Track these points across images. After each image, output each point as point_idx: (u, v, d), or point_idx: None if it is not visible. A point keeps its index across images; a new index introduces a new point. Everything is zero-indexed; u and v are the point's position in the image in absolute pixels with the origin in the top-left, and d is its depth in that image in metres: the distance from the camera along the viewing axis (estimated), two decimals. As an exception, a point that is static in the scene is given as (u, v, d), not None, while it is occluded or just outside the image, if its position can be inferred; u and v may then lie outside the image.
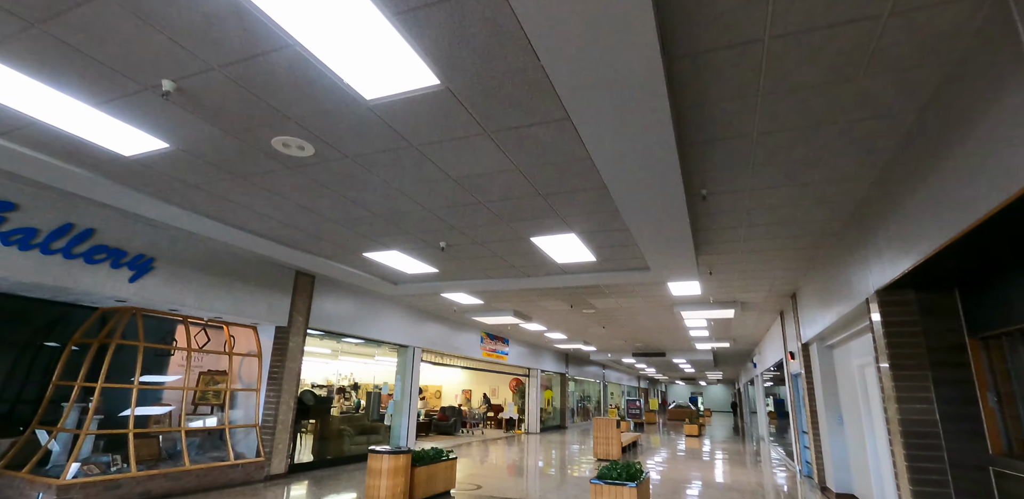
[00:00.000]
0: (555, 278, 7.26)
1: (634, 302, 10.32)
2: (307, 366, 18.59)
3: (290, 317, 8.45)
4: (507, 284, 7.70)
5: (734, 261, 6.98)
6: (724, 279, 8.08)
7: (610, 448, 11.33)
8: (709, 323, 12.79)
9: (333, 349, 15.29)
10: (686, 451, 13.47)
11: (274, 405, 8.12)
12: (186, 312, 7.29)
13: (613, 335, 15.77)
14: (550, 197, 4.56)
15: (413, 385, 11.72)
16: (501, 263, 6.79)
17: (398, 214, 5.12)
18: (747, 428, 25.15)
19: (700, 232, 5.78)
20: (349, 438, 10.18)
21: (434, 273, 7.40)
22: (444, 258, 6.66)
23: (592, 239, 5.69)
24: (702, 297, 9.62)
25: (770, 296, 9.38)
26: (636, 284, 8.55)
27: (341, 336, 9.97)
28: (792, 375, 10.28)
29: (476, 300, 10.56)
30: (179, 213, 5.35)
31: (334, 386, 16.06)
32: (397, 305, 11.27)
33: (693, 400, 53.47)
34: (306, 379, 18.22)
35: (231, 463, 7.36)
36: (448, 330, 13.31)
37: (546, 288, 8.92)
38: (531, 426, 19.06)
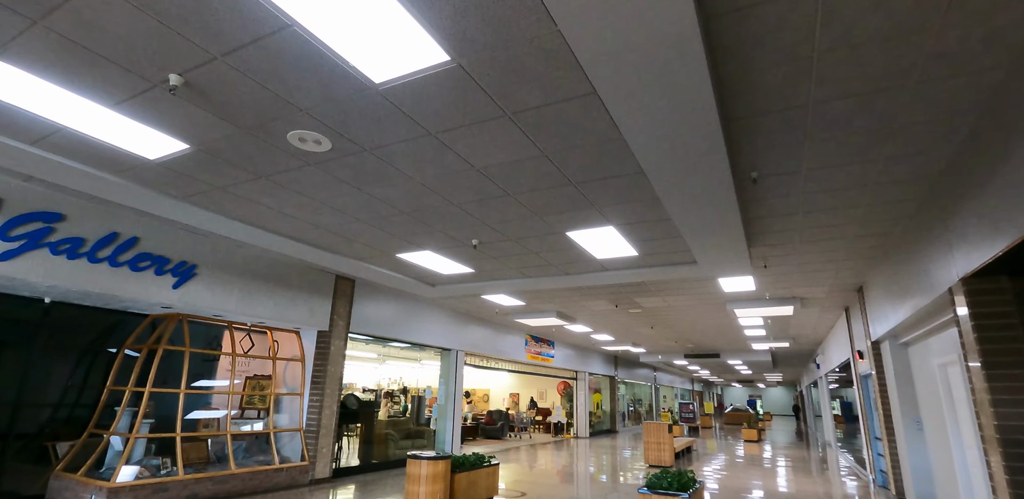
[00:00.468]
0: (595, 276, 6.91)
1: (682, 300, 9.80)
2: (355, 370, 18.92)
3: (331, 321, 8.45)
4: (545, 283, 7.40)
5: (791, 252, 6.43)
6: (780, 273, 7.49)
7: (662, 454, 10.80)
8: (766, 321, 12.04)
9: (380, 353, 15.41)
10: (745, 457, 12.72)
11: (317, 409, 8.12)
12: (230, 318, 7.38)
13: (662, 336, 15.16)
14: (583, 185, 4.25)
15: (457, 389, 11.57)
16: (537, 261, 6.51)
17: (425, 210, 4.94)
18: (811, 433, 23.75)
19: (752, 221, 5.31)
20: (394, 442, 10.12)
21: (470, 273, 7.20)
22: (478, 257, 6.44)
23: (632, 231, 5.32)
24: (756, 293, 9.01)
25: (833, 291, 8.67)
26: (683, 280, 8.07)
27: (383, 340, 9.94)
28: (861, 376, 9.48)
29: (518, 301, 10.30)
30: (211, 217, 5.36)
31: (382, 390, 16.20)
32: (439, 308, 11.16)
33: (751, 403, 51.27)
34: (355, 383, 18.50)
35: (276, 467, 7.38)
36: (492, 333, 13.12)
37: (587, 287, 8.57)
38: (580, 430, 18.61)
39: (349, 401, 9.24)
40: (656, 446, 10.91)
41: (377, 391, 15.95)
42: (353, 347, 12.22)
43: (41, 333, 6.63)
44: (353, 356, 15.47)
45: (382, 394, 15.84)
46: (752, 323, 12.29)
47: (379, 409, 14.77)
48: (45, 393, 6.83)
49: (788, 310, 9.62)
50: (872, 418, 9.19)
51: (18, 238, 5.17)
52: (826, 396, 16.58)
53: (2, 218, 5.08)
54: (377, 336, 9.57)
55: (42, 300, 6.55)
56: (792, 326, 12.76)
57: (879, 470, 8.94)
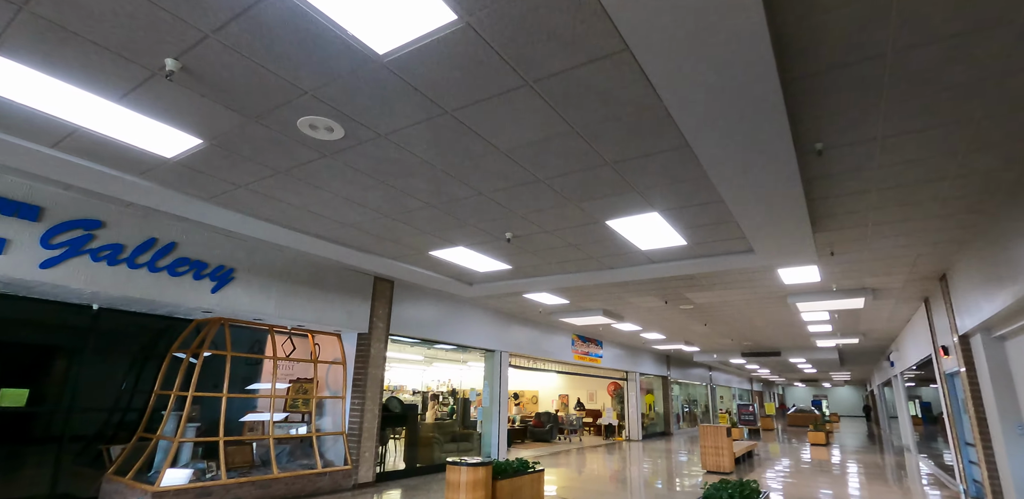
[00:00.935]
0: (641, 269, 6.43)
1: (738, 294, 9.13)
2: (403, 373, 18.97)
3: (370, 323, 8.32)
4: (588, 279, 6.98)
5: (862, 237, 5.75)
6: (850, 260, 6.77)
7: (720, 459, 10.12)
8: (832, 316, 11.13)
9: (426, 356, 15.34)
10: (812, 463, 11.80)
11: (359, 412, 7.99)
12: (270, 321, 7.34)
13: (717, 333, 14.36)
14: (620, 165, 3.83)
15: (502, 391, 11.27)
16: (577, 254, 6.10)
17: (452, 202, 4.64)
18: (885, 435, 22.09)
19: (817, 202, 4.72)
20: (439, 446, 9.91)
21: (507, 270, 6.87)
22: (514, 252, 6.10)
23: (679, 217, 4.84)
24: (822, 284, 8.25)
25: (911, 280, 7.82)
26: (738, 272, 7.45)
27: (424, 342, 9.75)
28: (946, 374, 8.53)
29: (561, 300, 9.90)
30: (240, 219, 5.25)
31: (429, 392, 16.12)
32: (481, 309, 10.90)
33: (817, 404, 48.63)
34: (405, 385, 18.57)
35: (318, 471, 7.28)
36: (537, 333, 12.75)
37: (633, 282, 8.07)
38: (632, 433, 17.96)
39: (392, 404, 9.09)
40: (714, 450, 10.23)
41: (424, 393, 15.90)
42: (400, 350, 12.15)
43: (91, 339, 6.76)
44: (401, 359, 15.47)
45: (429, 396, 15.77)
46: (817, 318, 11.39)
47: (427, 412, 14.69)
48: (99, 397, 6.97)
49: (858, 303, 8.78)
50: (961, 421, 8.24)
51: (60, 245, 5.22)
52: (902, 396, 15.27)
53: (44, 226, 5.14)
54: (418, 338, 9.39)
55: (90, 307, 6.68)
56: (862, 321, 11.76)
57: (972, 480, 8.00)
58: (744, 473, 10.05)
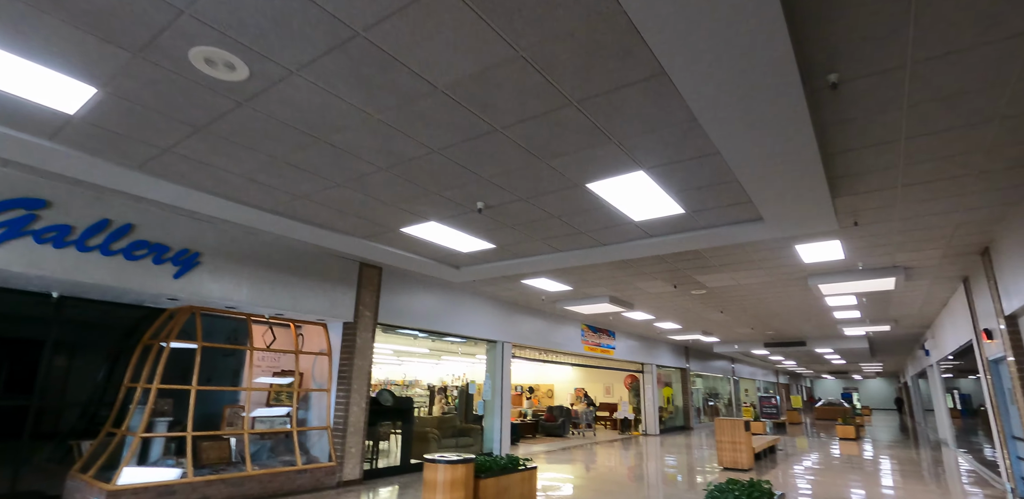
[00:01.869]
0: (637, 245, 5.77)
1: (753, 277, 8.37)
2: (415, 367, 18.52)
3: (356, 312, 7.82)
4: (581, 258, 6.34)
5: (890, 202, 5.00)
6: (877, 233, 6.00)
7: (738, 455, 9.40)
8: (859, 300, 10.27)
9: (433, 349, 14.88)
10: (841, 459, 10.97)
11: (344, 406, 7.52)
12: (245, 309, 6.90)
13: (736, 322, 13.55)
14: (587, 104, 3.18)
15: (504, 383, 10.71)
16: (563, 228, 5.47)
17: (405, 164, 4.05)
18: (920, 429, 20.94)
19: (834, 156, 4.01)
20: (436, 441, 9.41)
21: (492, 250, 6.27)
22: (492, 226, 5.50)
23: (670, 177, 4.17)
24: (846, 263, 7.46)
25: (948, 255, 6.98)
26: (750, 248, 6.73)
27: (418, 332, 9.24)
28: (989, 361, 7.67)
29: (563, 286, 9.28)
30: (182, 192, 4.76)
31: (436, 387, 15.68)
32: (482, 298, 10.35)
33: (847, 396, 47.04)
34: (422, 380, 18.16)
35: (298, 468, 6.82)
36: (543, 323, 12.15)
37: (634, 262, 7.40)
38: (649, 427, 17.26)
39: (383, 397, 8.61)
40: (731, 446, 9.52)
41: (432, 387, 15.46)
42: (407, 343, 11.67)
43: (56, 329, 6.40)
44: (410, 352, 15.04)
45: (436, 390, 15.33)
46: (842, 302, 10.54)
47: (433, 406, 14.23)
48: (70, 390, 6.63)
49: (888, 283, 7.95)
50: (1008, 413, 7.39)
51: (-3, 226, 4.82)
52: (939, 387, 14.26)
53: (-22, 206, 4.74)
54: (410, 328, 8.88)
55: (49, 295, 6.31)
56: (893, 305, 10.86)
57: (1020, 477, 7.16)
58: (764, 470, 9.32)
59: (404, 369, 19.56)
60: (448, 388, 15.69)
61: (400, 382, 18.77)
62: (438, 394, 15.08)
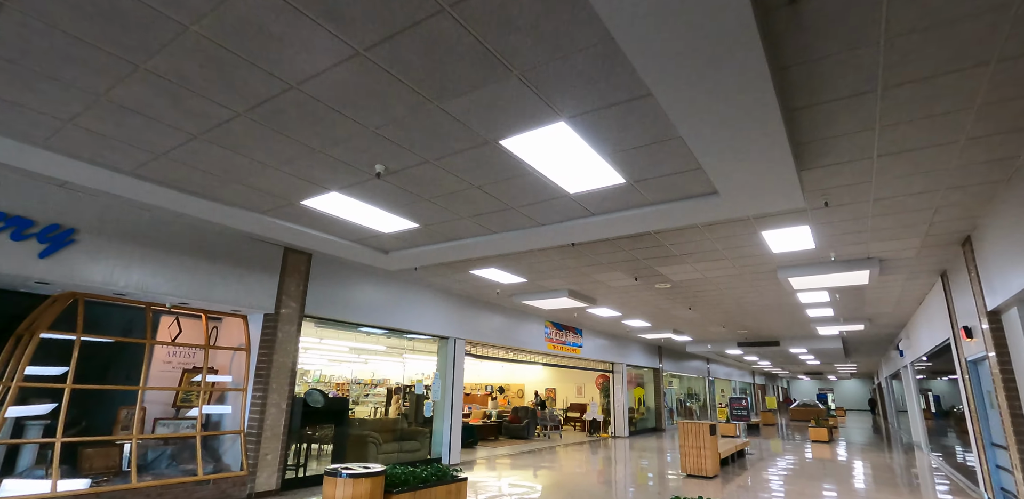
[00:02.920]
0: (580, 225, 5.04)
1: (719, 269, 7.72)
2: (382, 366, 17.66)
3: (278, 302, 6.99)
4: (521, 241, 5.59)
5: (864, 176, 4.34)
6: (851, 218, 5.36)
7: (703, 461, 8.75)
8: (833, 296, 9.70)
9: (392, 346, 14.04)
10: (811, 463, 10.41)
11: (259, 407, 6.68)
12: (138, 297, 6.02)
13: (706, 320, 12.95)
14: (463, 8, 2.43)
15: (456, 383, 9.94)
16: (489, 203, 4.71)
17: (263, 106, 3.23)
18: (893, 431, 20.65)
19: (799, 115, 3.33)
20: (375, 446, 8.61)
21: (415, 230, 5.48)
22: (405, 199, 4.71)
23: (599, 131, 3.42)
24: (817, 253, 6.84)
25: (928, 245, 6.39)
26: (711, 234, 6.05)
27: (356, 326, 8.43)
28: (968, 361, 7.12)
29: (516, 277, 8.54)
30: (12, 147, 3.90)
31: (393, 386, 14.84)
32: (433, 291, 9.57)
33: (822, 397, 47.13)
34: (390, 378, 17.27)
35: (199, 478, 5.98)
36: (503, 320, 11.40)
37: (585, 250, 6.69)
38: (618, 429, 16.62)
39: (312, 398, 7.77)
40: (695, 451, 8.87)
41: (390, 388, 14.63)
42: (360, 339, 10.82)
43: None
44: (370, 350, 14.18)
45: (394, 390, 14.49)
46: (815, 299, 9.97)
47: (387, 406, 13.39)
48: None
49: (862, 277, 7.35)
50: (986, 418, 6.84)
51: None
52: (913, 389, 13.84)
53: None
54: (348, 321, 8.06)
55: None
56: (868, 302, 10.32)
57: (999, 488, 6.60)
58: (730, 477, 8.69)
59: (373, 368, 18.70)
60: (409, 388, 14.87)
61: (368, 381, 17.92)
62: (396, 394, 14.26)
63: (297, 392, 8.03)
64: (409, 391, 14.13)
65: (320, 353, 14.55)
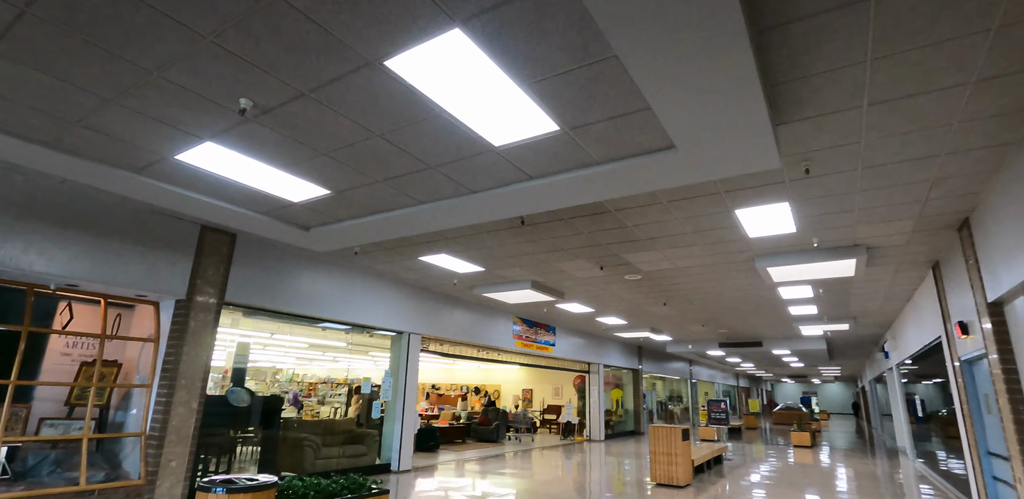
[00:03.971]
0: (518, 193, 4.26)
1: (691, 256, 7.00)
2: (352, 364, 16.71)
3: (191, 287, 6.15)
4: (455, 214, 4.81)
5: (851, 138, 3.62)
6: (834, 192, 4.65)
7: (674, 469, 8.01)
8: (816, 291, 9.03)
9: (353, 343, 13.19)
10: (793, 470, 9.73)
11: (165, 407, 5.83)
12: (9, 276, 5.16)
13: (684, 317, 12.25)
14: None
15: (409, 381, 9.13)
16: (401, 159, 3.89)
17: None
18: (876, 435, 20.12)
19: (772, 32, 2.59)
20: (313, 450, 7.77)
21: (327, 198, 4.65)
22: (298, 154, 3.90)
23: (509, 44, 2.62)
24: (799, 238, 6.13)
25: (920, 229, 5.70)
26: (677, 211, 5.31)
27: (293, 317, 7.60)
28: (962, 361, 6.45)
29: (471, 265, 7.76)
30: None
31: (352, 385, 14.00)
32: (386, 282, 8.76)
33: (805, 401, 46.89)
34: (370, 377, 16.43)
35: (81, 488, 5.12)
36: (466, 315, 10.61)
37: (540, 231, 5.92)
38: (594, 432, 15.87)
39: (236, 397, 6.93)
40: (666, 458, 8.13)
41: (349, 386, 13.78)
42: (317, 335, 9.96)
43: None
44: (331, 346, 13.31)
45: (353, 389, 13.65)
46: (797, 295, 9.29)
47: (347, 406, 12.54)
48: None
49: (848, 267, 6.66)
50: (982, 424, 6.17)
51: None
52: (898, 392, 13.25)
53: None
54: (283, 312, 7.24)
55: None
56: (854, 298, 9.67)
57: (995, 501, 5.93)
58: (703, 487, 7.97)
59: (347, 366, 17.87)
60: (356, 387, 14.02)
61: (341, 381, 17.07)
62: (356, 394, 13.42)
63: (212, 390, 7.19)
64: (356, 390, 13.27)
65: (284, 351, 13.67)
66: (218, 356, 10.26)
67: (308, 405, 13.41)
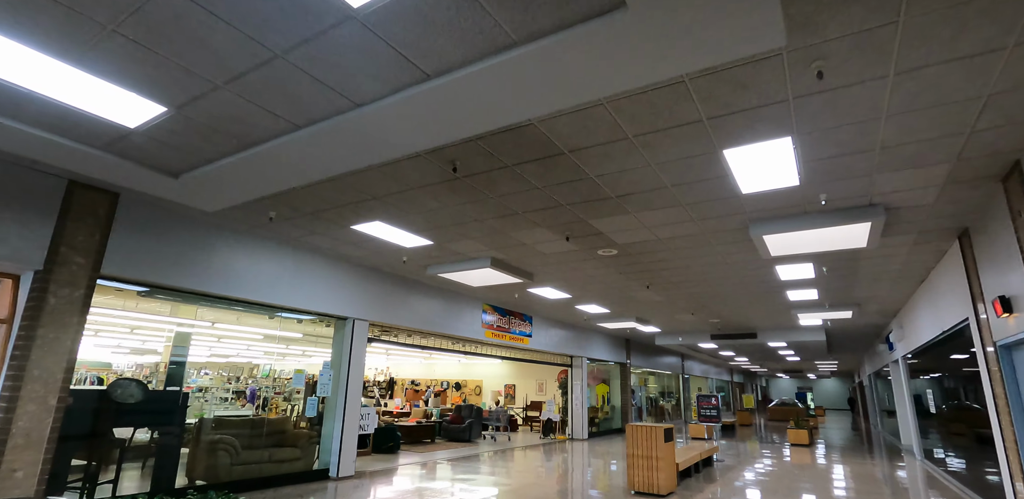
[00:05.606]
0: (418, 103, 3.03)
1: (672, 222, 5.85)
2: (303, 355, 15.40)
3: (52, 256, 4.95)
4: (343, 145, 3.59)
5: (887, 12, 2.46)
6: (854, 121, 3.50)
7: (655, 475, 6.88)
8: (818, 270, 7.90)
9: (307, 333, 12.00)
10: (791, 474, 8.62)
11: (8, 402, 4.64)
12: None
13: (670, 304, 11.12)
14: None
15: (352, 374, 7.97)
16: (213, 30, 2.69)
17: None
18: (875, 433, 19.09)
19: None
20: (230, 454, 6.60)
21: (166, 117, 3.41)
22: (80, 34, 2.73)
23: None
24: (803, 194, 4.98)
25: (955, 179, 4.56)
26: (646, 148, 4.16)
27: (206, 298, 6.42)
28: (999, 346, 5.32)
29: (417, 237, 6.60)
30: None
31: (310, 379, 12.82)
32: (328, 260, 7.58)
33: (801, 396, 46.00)
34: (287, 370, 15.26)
35: None
36: (426, 300, 9.44)
37: (479, 183, 4.75)
38: (577, 430, 14.75)
39: (123, 392, 5.74)
40: (645, 462, 6.99)
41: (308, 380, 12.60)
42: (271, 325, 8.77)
43: None
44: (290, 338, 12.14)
45: (309, 382, 12.46)
46: (797, 275, 8.17)
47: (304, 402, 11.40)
48: None
49: (860, 235, 5.52)
50: (1023, 420, 5.05)
51: None
52: (905, 386, 12.17)
53: None
54: (182, 289, 6.06)
55: None
56: (861, 279, 8.55)
57: (1039, 516, 4.81)
58: (691, 494, 6.85)
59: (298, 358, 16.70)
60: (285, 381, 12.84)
61: (271, 374, 15.91)
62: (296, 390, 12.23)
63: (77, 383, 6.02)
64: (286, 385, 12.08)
65: (247, 344, 12.49)
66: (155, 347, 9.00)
67: (276, 402, 12.26)
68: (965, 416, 7.37)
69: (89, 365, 8.73)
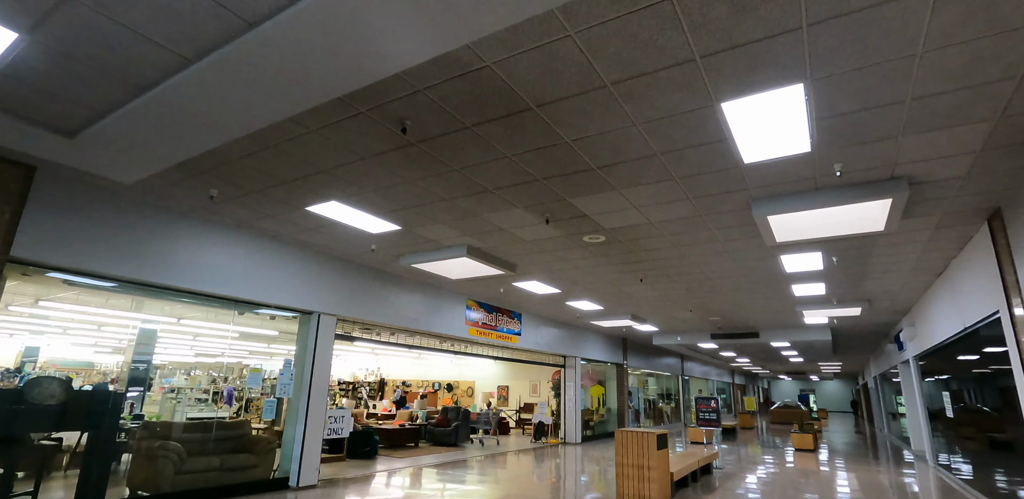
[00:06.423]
0: (311, 17, 2.42)
1: (665, 203, 5.17)
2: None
3: (-50, 235, 4.29)
4: (246, 86, 2.96)
5: None
6: (881, 61, 2.82)
7: (646, 486, 6.18)
8: (828, 261, 7.21)
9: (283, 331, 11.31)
10: (798, 483, 7.91)
11: None
12: None
13: (667, 299, 10.43)
14: None
15: (317, 373, 7.28)
16: None
17: None
18: (880, 436, 18.34)
19: None
20: (173, 462, 5.92)
21: (22, 44, 2.77)
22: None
23: None
24: (815, 162, 4.30)
25: (993, 145, 3.88)
26: (622, 89, 3.49)
27: (141, 286, 5.74)
28: (1039, 343, 4.62)
29: (383, 222, 5.93)
30: None
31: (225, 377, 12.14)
32: (291, 249, 6.92)
33: (803, 398, 45.26)
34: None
35: None
36: (403, 294, 8.76)
37: (437, 150, 4.08)
38: (570, 434, 14.05)
39: (43, 391, 5.05)
40: (635, 472, 6.30)
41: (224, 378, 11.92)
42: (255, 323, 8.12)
43: None
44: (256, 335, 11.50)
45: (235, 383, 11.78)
46: (804, 266, 7.48)
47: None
48: None
49: (878, 215, 4.83)
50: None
51: None
52: (916, 387, 11.45)
53: None
54: (116, 278, 5.39)
55: None
56: (874, 271, 7.85)
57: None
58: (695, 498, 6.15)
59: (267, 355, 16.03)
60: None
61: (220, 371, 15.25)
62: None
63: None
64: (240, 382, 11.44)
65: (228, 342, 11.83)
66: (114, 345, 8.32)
67: (257, 404, 11.57)
68: (986, 420, 6.68)
69: (60, 364, 8.06)
